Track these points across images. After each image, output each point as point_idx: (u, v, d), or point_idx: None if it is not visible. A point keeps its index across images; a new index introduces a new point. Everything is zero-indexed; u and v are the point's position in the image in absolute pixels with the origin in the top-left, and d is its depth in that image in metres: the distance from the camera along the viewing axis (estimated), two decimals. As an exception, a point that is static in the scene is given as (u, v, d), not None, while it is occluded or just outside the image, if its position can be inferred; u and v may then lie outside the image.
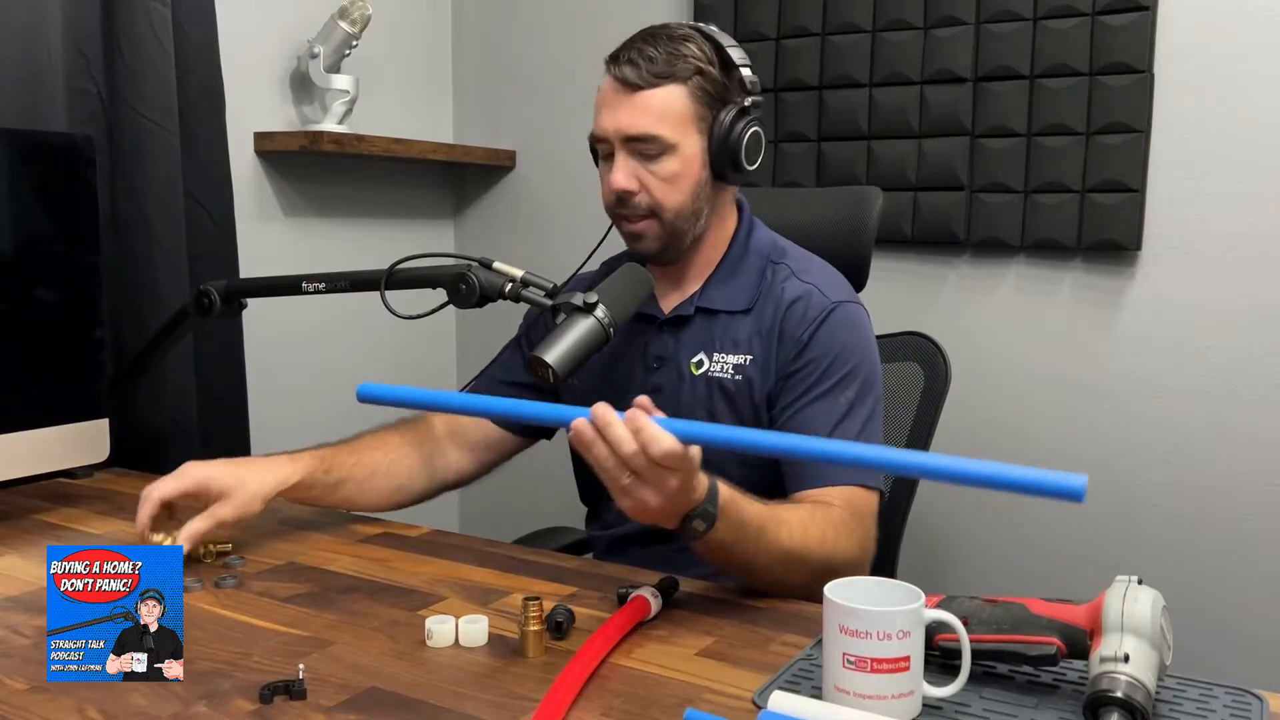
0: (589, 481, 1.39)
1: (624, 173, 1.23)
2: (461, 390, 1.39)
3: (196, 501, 1.19)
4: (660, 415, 0.94)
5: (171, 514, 1.20)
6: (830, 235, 1.51)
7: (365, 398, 1.02)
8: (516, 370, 1.42)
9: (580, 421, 0.93)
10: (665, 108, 1.21)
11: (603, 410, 0.92)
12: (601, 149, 1.27)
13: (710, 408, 1.28)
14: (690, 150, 1.23)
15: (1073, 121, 1.87)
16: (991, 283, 2.00)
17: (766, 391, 1.26)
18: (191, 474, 1.18)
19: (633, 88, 1.22)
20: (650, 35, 1.24)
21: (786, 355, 1.25)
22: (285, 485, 1.24)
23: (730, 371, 1.27)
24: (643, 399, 0.94)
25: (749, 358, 1.27)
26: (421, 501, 1.41)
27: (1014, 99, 1.91)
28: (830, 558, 1.09)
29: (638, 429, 0.91)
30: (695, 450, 0.94)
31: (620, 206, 1.25)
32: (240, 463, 1.22)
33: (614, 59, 1.24)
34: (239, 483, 1.19)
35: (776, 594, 1.09)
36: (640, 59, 1.21)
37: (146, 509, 1.16)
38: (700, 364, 1.29)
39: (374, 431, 1.39)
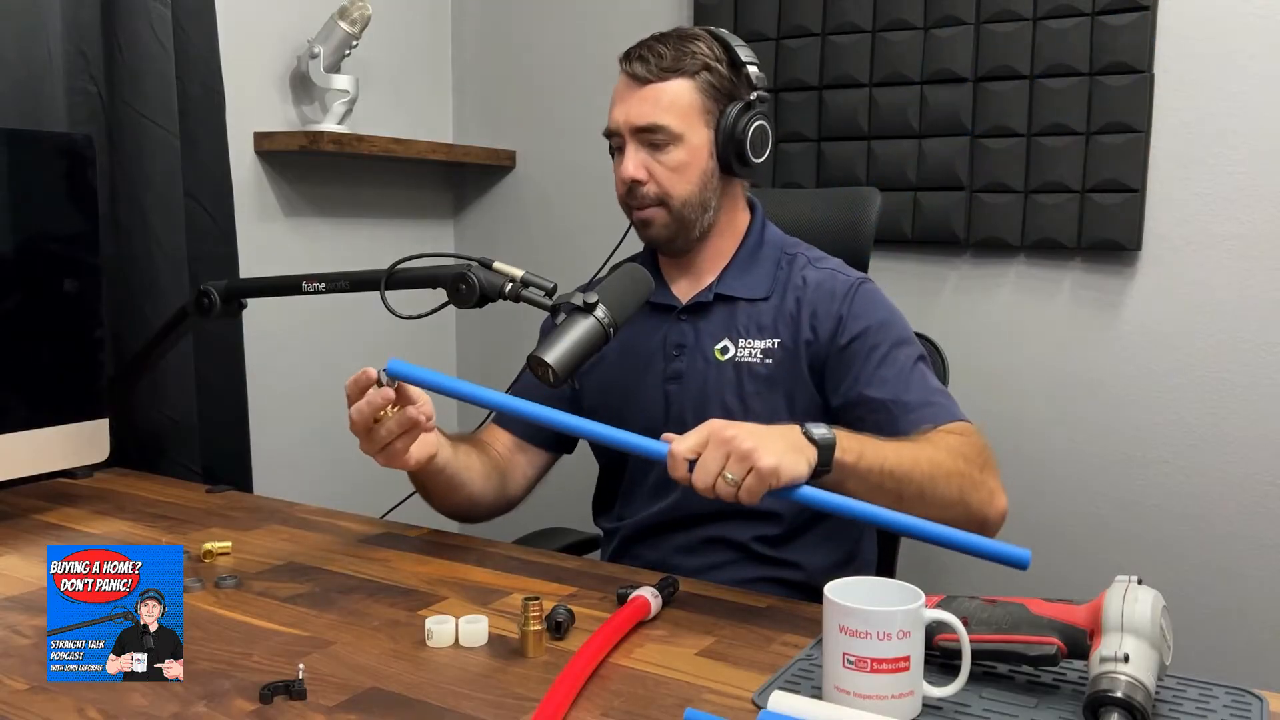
0: (613, 477, 1.42)
1: (633, 162, 1.29)
2: (483, 418, 1.42)
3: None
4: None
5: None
6: (830, 235, 1.51)
7: (395, 374, 1.08)
8: (534, 394, 1.42)
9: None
10: (672, 100, 1.28)
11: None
12: (614, 143, 1.32)
13: (740, 392, 1.30)
14: (697, 141, 1.29)
15: (1073, 121, 1.87)
16: (991, 283, 2.00)
17: (808, 365, 1.28)
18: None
19: (642, 81, 1.28)
20: (661, 35, 1.31)
21: (826, 332, 1.28)
22: (436, 450, 1.21)
23: (759, 356, 1.30)
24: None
25: (776, 341, 1.30)
26: (486, 519, 1.39)
27: (1014, 99, 1.91)
28: (967, 454, 1.13)
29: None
30: (712, 421, 1.00)
31: (630, 196, 1.31)
32: None
33: (626, 56, 1.31)
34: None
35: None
36: (650, 55, 1.28)
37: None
38: (725, 350, 1.32)
39: (467, 439, 1.35)
